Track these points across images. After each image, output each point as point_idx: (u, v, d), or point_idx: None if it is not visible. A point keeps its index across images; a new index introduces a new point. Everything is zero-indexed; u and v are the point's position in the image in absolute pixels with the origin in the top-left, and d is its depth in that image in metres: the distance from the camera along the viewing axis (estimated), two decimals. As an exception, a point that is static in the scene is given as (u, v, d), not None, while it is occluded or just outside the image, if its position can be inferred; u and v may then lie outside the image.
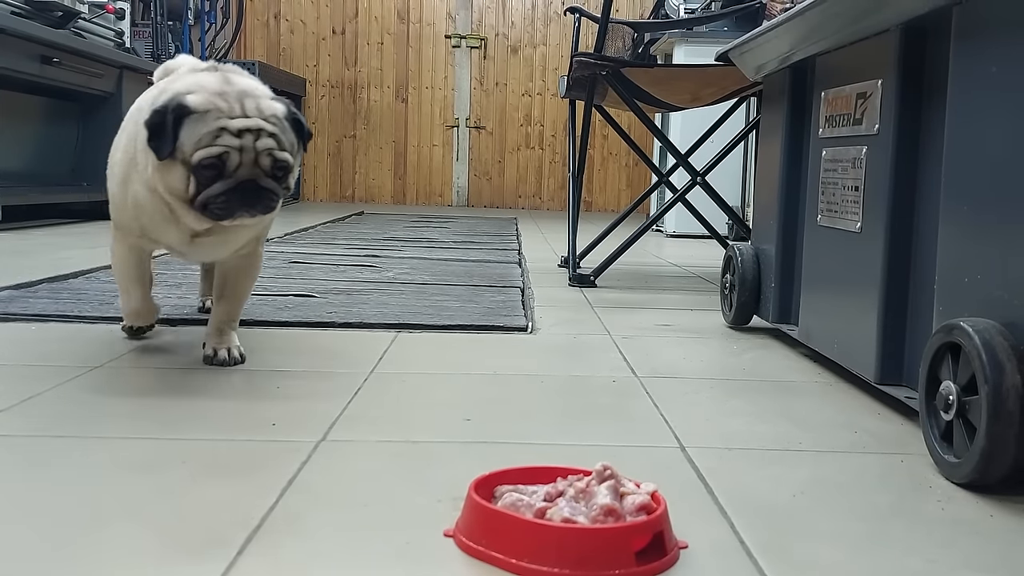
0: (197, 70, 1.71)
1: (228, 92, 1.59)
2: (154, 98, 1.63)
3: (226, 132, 1.54)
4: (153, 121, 1.54)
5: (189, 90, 1.58)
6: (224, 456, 1.30)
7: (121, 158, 1.72)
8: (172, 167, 1.56)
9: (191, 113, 1.54)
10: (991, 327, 1.25)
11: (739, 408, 1.70)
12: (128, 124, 1.71)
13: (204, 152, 1.54)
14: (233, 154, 1.55)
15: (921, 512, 1.19)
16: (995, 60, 1.34)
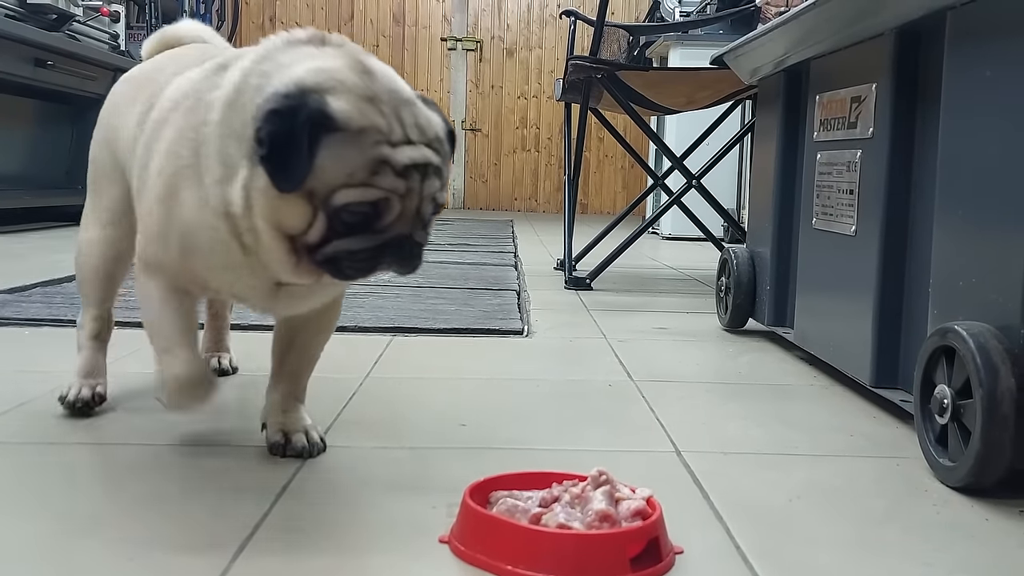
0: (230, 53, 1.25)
1: (379, 95, 1.07)
2: (235, 85, 1.11)
3: (387, 167, 1.05)
4: (275, 130, 1.02)
5: (321, 83, 1.05)
6: (218, 461, 1.30)
7: (163, 166, 1.17)
8: (289, 200, 1.05)
9: (336, 129, 1.03)
10: (986, 330, 1.25)
11: (735, 412, 1.70)
12: (173, 115, 1.19)
13: (355, 195, 1.04)
14: (394, 202, 1.07)
15: (916, 516, 1.19)
16: (989, 64, 1.34)
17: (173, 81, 1.27)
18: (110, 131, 1.45)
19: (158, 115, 1.23)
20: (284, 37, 1.14)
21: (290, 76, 1.06)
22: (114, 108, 1.46)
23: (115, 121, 1.43)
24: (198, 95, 1.16)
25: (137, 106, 1.33)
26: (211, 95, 1.14)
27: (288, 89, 1.04)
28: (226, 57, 1.21)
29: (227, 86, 1.12)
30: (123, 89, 1.48)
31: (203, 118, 1.13)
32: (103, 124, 1.49)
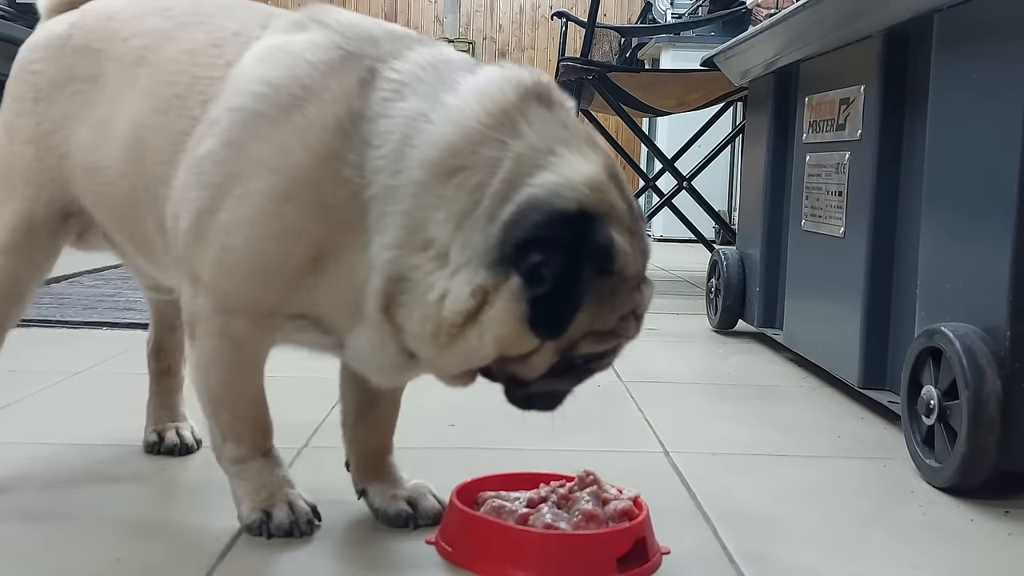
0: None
1: (635, 226, 0.92)
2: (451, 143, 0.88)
3: (632, 317, 0.93)
4: (561, 269, 0.84)
5: (600, 208, 0.88)
6: (205, 463, 1.29)
7: (282, 192, 0.90)
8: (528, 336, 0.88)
9: (610, 273, 0.88)
10: (972, 332, 1.26)
11: (724, 413, 1.70)
12: (290, 119, 0.90)
13: (599, 346, 0.92)
14: (623, 343, 0.95)
15: (902, 517, 1.20)
16: (976, 66, 1.35)
17: (248, 55, 0.97)
18: (43, 121, 1.13)
19: (241, 114, 0.93)
20: (511, 81, 0.91)
21: (566, 188, 0.86)
22: (52, 88, 1.12)
23: (60, 108, 1.11)
24: (348, 107, 0.90)
25: (135, 88, 1.05)
26: (386, 123, 0.90)
27: (571, 212, 0.85)
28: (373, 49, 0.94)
29: (434, 134, 0.88)
30: (70, 63, 1.12)
31: (370, 152, 0.89)
32: (24, 110, 1.14)
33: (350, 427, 1.14)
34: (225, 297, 0.95)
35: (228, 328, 0.97)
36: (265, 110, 0.91)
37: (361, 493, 1.13)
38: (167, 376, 1.36)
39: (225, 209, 0.92)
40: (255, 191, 0.90)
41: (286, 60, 0.93)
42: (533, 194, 0.85)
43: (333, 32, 0.95)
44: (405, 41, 0.96)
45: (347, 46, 0.94)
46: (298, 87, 0.91)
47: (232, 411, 1.02)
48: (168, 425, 1.34)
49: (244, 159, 0.91)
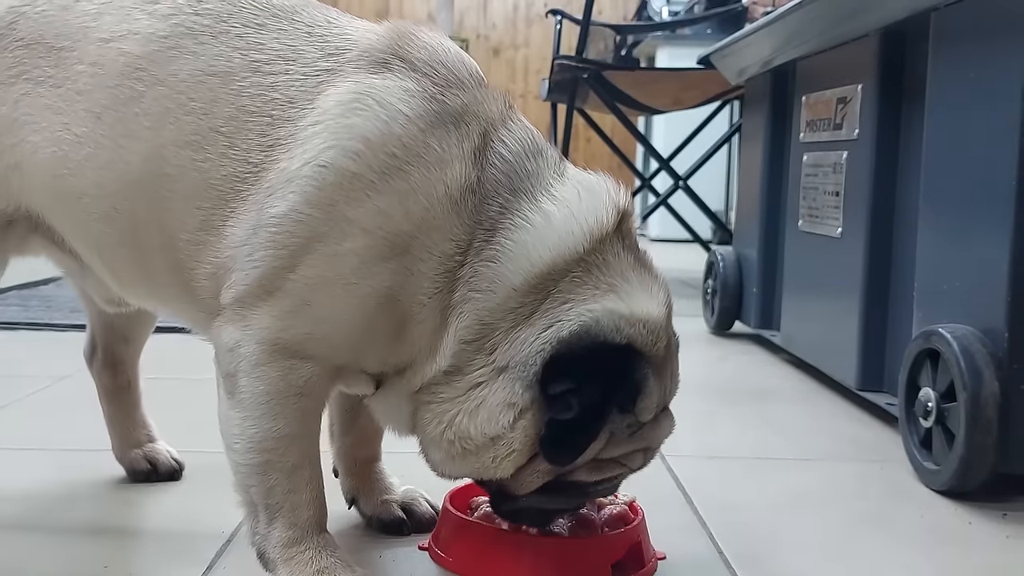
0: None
1: (668, 368, 0.91)
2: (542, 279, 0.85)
3: (641, 452, 0.91)
4: (587, 404, 0.83)
5: (645, 350, 0.86)
6: (192, 468, 1.28)
7: (369, 254, 0.84)
8: (531, 453, 0.86)
9: (629, 412, 0.87)
10: (970, 334, 1.25)
11: (720, 415, 1.69)
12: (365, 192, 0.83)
13: (598, 475, 0.90)
14: (625, 472, 0.93)
15: (900, 520, 1.19)
16: (973, 65, 1.33)
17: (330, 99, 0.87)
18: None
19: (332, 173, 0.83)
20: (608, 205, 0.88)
21: (623, 321, 0.84)
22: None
23: (4, 112, 0.96)
24: (458, 177, 0.85)
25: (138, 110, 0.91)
26: (497, 212, 0.85)
27: (618, 346, 0.84)
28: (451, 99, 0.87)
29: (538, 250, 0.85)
30: (18, 58, 0.96)
31: (478, 235, 0.85)
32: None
33: (337, 437, 1.11)
34: (299, 348, 0.86)
35: (293, 373, 0.86)
36: (361, 171, 0.82)
37: (352, 502, 1.11)
38: (128, 391, 1.26)
39: (308, 266, 0.84)
40: (347, 251, 0.83)
41: (381, 113, 0.84)
42: (588, 319, 0.84)
43: (422, 76, 0.87)
44: (494, 96, 0.91)
45: (442, 96, 0.86)
46: (398, 146, 0.83)
47: (289, 473, 0.88)
48: (140, 447, 1.25)
49: (334, 219, 0.83)
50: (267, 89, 0.88)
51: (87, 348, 1.25)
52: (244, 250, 0.85)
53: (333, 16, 0.94)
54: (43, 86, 0.95)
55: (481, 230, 0.84)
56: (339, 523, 1.10)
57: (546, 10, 4.60)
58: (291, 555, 0.88)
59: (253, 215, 0.85)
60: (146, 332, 1.26)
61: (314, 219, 0.83)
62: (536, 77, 8.97)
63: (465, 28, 9.02)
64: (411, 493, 1.11)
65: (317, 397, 0.89)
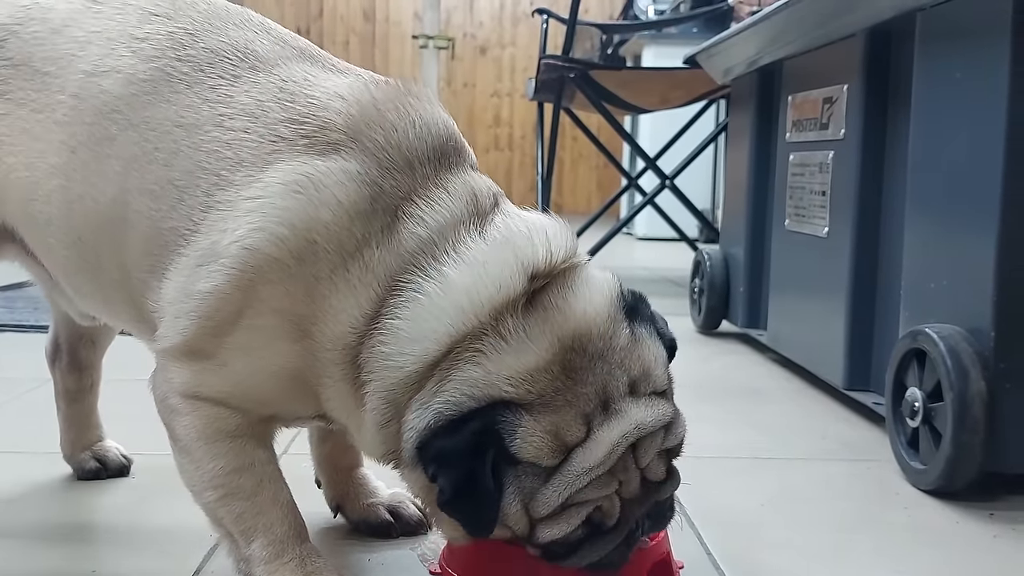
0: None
1: (586, 378, 0.83)
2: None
3: (594, 479, 0.82)
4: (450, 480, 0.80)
5: (516, 394, 0.81)
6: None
7: (278, 334, 0.85)
8: None
9: (520, 463, 0.81)
10: (956, 333, 1.25)
11: (708, 415, 1.69)
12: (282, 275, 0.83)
13: (560, 529, 0.83)
14: (608, 503, 0.84)
15: (887, 520, 1.19)
16: (958, 65, 1.34)
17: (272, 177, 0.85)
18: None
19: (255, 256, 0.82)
20: (521, 271, 0.83)
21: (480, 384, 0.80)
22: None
23: None
24: (365, 264, 0.83)
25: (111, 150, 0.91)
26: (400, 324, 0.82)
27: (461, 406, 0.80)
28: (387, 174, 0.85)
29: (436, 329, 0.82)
30: (3, 77, 0.97)
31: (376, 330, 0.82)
32: None
33: (316, 446, 1.11)
34: (218, 400, 0.87)
35: (220, 420, 0.87)
36: (281, 256, 0.81)
37: (336, 510, 1.11)
38: (90, 393, 1.27)
39: (229, 335, 0.84)
40: (261, 326, 0.83)
41: (315, 197, 0.82)
42: (435, 411, 0.80)
43: (369, 158, 0.85)
44: (441, 163, 0.88)
45: (381, 181, 0.84)
46: (321, 233, 0.82)
47: (251, 498, 0.88)
48: (102, 446, 1.27)
49: (253, 299, 0.82)
50: (223, 146, 0.87)
51: (50, 349, 1.26)
52: (172, 311, 0.86)
53: (313, 73, 0.92)
54: (24, 108, 0.95)
55: (382, 312, 0.82)
56: (326, 530, 1.09)
57: (532, 9, 4.60)
58: (275, 568, 0.88)
59: (183, 280, 0.85)
60: (112, 334, 1.26)
61: (236, 299, 0.82)
62: (522, 76, 8.97)
63: (451, 27, 9.01)
64: (398, 496, 1.10)
65: (251, 435, 0.88)
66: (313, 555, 0.90)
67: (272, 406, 0.88)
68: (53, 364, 1.25)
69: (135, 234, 0.90)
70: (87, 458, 1.25)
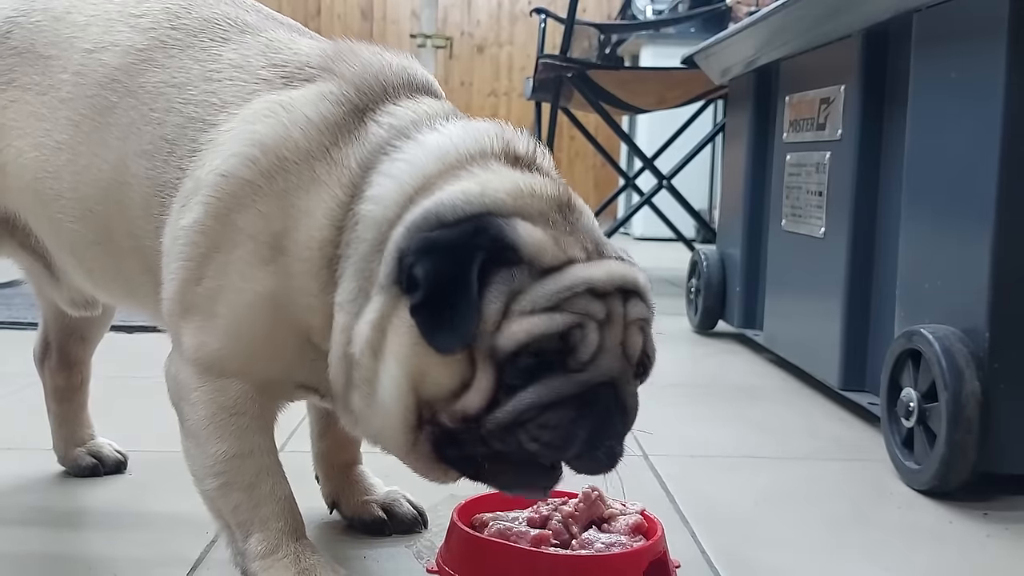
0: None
1: (580, 231, 0.83)
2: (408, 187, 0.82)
3: (587, 292, 0.78)
4: (430, 270, 0.76)
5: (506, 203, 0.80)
6: (176, 468, 1.27)
7: (252, 259, 0.85)
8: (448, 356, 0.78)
9: (519, 262, 0.77)
10: (951, 334, 1.26)
11: (703, 414, 1.69)
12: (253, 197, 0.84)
13: (534, 325, 0.76)
14: (591, 328, 0.78)
15: (881, 519, 1.19)
16: (954, 66, 1.34)
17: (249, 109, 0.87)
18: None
19: (229, 181, 0.84)
20: (503, 144, 0.86)
21: (458, 198, 0.79)
22: None
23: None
24: (363, 158, 0.84)
25: (111, 119, 0.93)
26: (377, 188, 0.82)
27: (458, 216, 0.78)
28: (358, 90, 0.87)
29: (407, 179, 0.82)
30: (9, 65, 0.99)
31: (355, 206, 0.82)
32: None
33: (315, 443, 1.12)
34: (218, 365, 0.87)
35: (222, 395, 0.87)
36: (253, 177, 0.83)
37: (332, 506, 1.11)
38: (80, 391, 1.26)
39: (209, 277, 0.84)
40: (235, 259, 0.83)
41: (285, 118, 0.85)
42: (424, 208, 0.79)
43: (344, 82, 0.87)
44: (412, 89, 0.90)
45: (356, 98, 0.86)
46: (291, 149, 0.83)
47: (248, 490, 0.88)
48: (95, 443, 1.27)
49: (228, 229, 0.83)
50: (209, 95, 0.90)
51: (38, 349, 1.26)
52: (166, 261, 0.87)
53: (298, 37, 0.96)
54: (30, 93, 0.97)
55: (354, 201, 0.83)
56: (323, 526, 1.10)
57: (530, 8, 4.59)
58: (270, 564, 0.88)
59: (171, 223, 0.87)
60: (102, 331, 1.27)
61: (213, 230, 0.84)
62: (520, 74, 8.96)
63: (449, 25, 9.01)
64: (393, 494, 1.10)
65: (254, 414, 0.88)
66: (309, 551, 0.89)
67: (266, 360, 0.87)
68: (42, 364, 1.26)
69: (136, 197, 0.91)
70: (83, 455, 1.25)
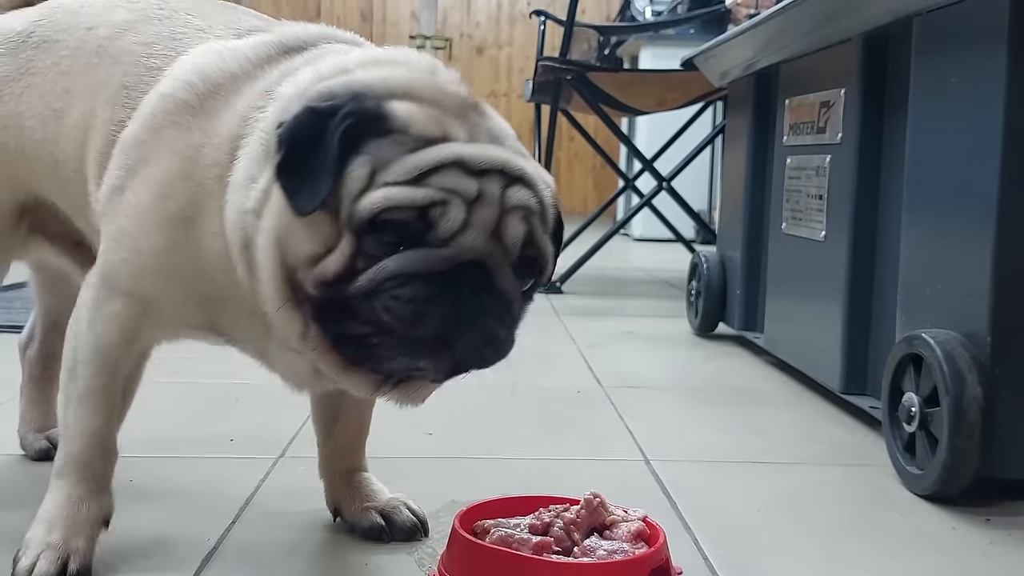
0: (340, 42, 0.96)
1: (463, 102, 0.85)
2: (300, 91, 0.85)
3: (456, 166, 0.79)
4: (298, 127, 0.79)
5: (389, 86, 0.82)
6: (179, 473, 1.27)
7: (172, 174, 0.89)
8: (313, 219, 0.79)
9: (390, 131, 0.79)
10: (952, 338, 1.25)
11: (704, 419, 1.69)
12: (186, 116, 0.90)
13: (392, 195, 0.77)
14: (453, 205, 0.78)
15: (883, 526, 1.19)
16: (954, 71, 1.34)
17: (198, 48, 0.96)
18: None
19: (167, 100, 0.90)
20: (426, 65, 0.89)
21: (338, 82, 0.83)
22: (3, 85, 1.07)
23: (10, 106, 1.06)
24: (267, 86, 0.89)
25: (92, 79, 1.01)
26: (282, 88, 0.87)
27: (334, 86, 0.83)
28: (294, 37, 0.95)
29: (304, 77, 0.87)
30: (29, 57, 1.06)
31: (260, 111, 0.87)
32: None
33: (319, 448, 1.12)
34: (116, 280, 0.92)
35: (106, 304, 0.92)
36: (188, 98, 0.90)
37: (335, 513, 1.11)
38: (53, 383, 1.25)
39: (130, 189, 0.90)
40: (155, 175, 0.89)
41: (227, 54, 0.92)
42: (316, 88, 0.83)
43: (282, 36, 0.95)
44: (337, 38, 0.98)
45: (288, 42, 0.94)
46: (227, 77, 0.90)
47: (79, 401, 0.94)
48: (55, 432, 1.24)
49: (159, 144, 0.89)
50: (171, 50, 0.98)
51: (24, 339, 1.34)
52: (107, 173, 0.94)
53: (269, 19, 1.05)
54: (38, 76, 1.05)
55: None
56: (326, 532, 1.09)
57: (530, 10, 4.59)
58: (53, 482, 0.96)
59: (118, 142, 0.94)
60: None
61: (147, 144, 0.90)
62: (519, 76, 8.96)
63: (448, 27, 9.01)
64: (393, 502, 1.09)
65: (126, 335, 0.93)
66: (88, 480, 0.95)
67: (163, 281, 0.90)
68: (24, 352, 1.33)
69: (94, 139, 0.98)
70: (38, 438, 1.31)
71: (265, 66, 0.91)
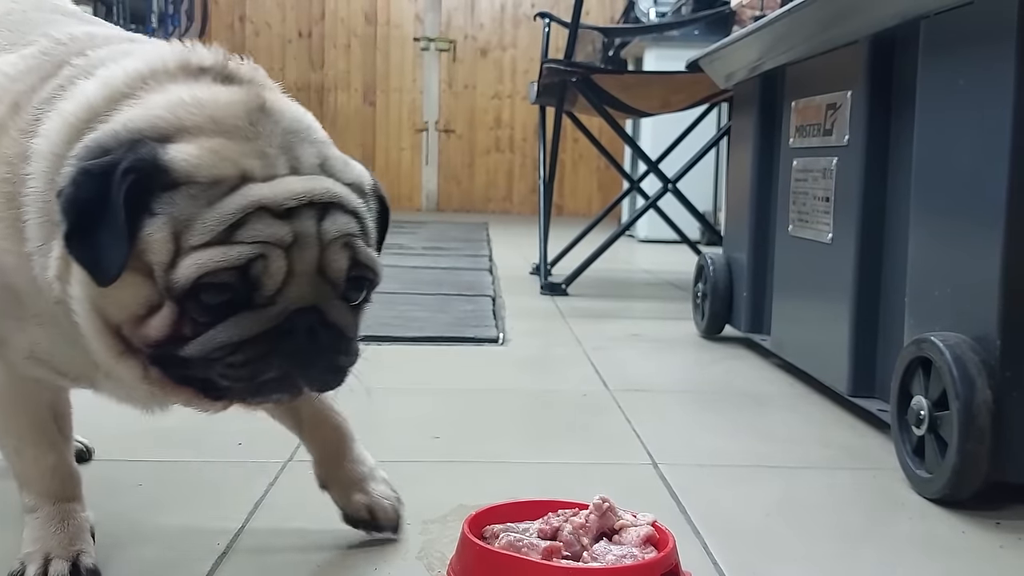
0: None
1: (265, 134, 0.79)
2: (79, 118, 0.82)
3: (261, 211, 0.75)
4: (74, 198, 0.74)
5: (169, 122, 0.78)
6: (188, 477, 1.27)
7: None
8: (125, 282, 0.75)
9: (177, 184, 0.75)
10: (962, 341, 1.25)
11: (711, 422, 1.69)
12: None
13: (205, 260, 0.74)
14: (274, 258, 0.76)
15: (893, 530, 1.19)
16: (962, 73, 1.34)
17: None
18: None
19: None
20: (179, 60, 0.84)
21: (123, 118, 0.78)
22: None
23: None
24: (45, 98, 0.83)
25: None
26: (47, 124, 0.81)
27: (106, 137, 0.76)
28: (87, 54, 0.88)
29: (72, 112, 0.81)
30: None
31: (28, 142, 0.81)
32: None
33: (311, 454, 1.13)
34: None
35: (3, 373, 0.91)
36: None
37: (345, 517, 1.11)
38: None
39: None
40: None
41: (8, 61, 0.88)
42: (87, 141, 0.77)
43: (51, 42, 0.90)
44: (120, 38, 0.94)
45: (52, 51, 0.89)
46: (6, 80, 0.86)
47: (13, 455, 0.96)
48: None
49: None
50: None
51: None
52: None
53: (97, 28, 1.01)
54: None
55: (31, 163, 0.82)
56: (337, 534, 1.09)
57: (534, 12, 4.59)
58: (29, 520, 0.95)
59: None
60: None
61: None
62: (524, 78, 8.96)
63: (452, 29, 9.01)
64: (367, 482, 1.10)
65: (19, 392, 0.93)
66: (58, 519, 0.94)
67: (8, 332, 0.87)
68: None
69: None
70: None
71: (33, 87, 0.85)
